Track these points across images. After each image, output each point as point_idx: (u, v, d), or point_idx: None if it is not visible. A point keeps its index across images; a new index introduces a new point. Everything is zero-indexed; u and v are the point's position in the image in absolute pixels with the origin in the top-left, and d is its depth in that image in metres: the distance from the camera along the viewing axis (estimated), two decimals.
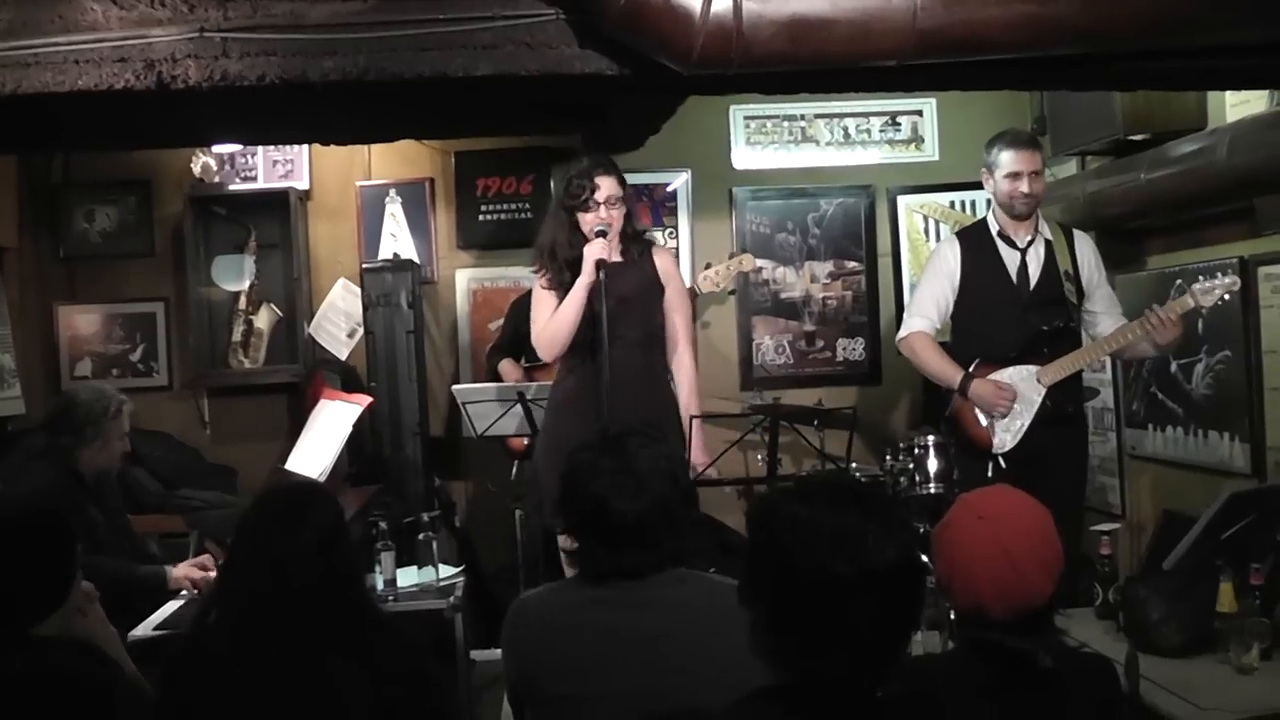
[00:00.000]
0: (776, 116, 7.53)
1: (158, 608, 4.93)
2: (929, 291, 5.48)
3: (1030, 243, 5.32)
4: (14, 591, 2.93)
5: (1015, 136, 5.36)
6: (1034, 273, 5.30)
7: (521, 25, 3.64)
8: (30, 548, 3.03)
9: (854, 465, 5.93)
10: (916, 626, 2.22)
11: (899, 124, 7.58)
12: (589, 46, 3.67)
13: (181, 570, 5.17)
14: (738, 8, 3.47)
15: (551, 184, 7.26)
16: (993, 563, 2.60)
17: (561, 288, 4.85)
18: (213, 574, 5.07)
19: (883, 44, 3.57)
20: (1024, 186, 5.23)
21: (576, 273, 4.77)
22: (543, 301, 4.95)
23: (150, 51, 3.54)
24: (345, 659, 2.85)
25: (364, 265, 7.12)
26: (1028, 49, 3.66)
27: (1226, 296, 4.95)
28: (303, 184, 7.45)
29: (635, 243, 5.02)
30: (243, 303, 7.41)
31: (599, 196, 4.81)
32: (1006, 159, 5.27)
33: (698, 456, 5.02)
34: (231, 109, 4.11)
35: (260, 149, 7.39)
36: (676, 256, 7.38)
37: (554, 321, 4.83)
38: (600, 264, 4.67)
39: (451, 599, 5.04)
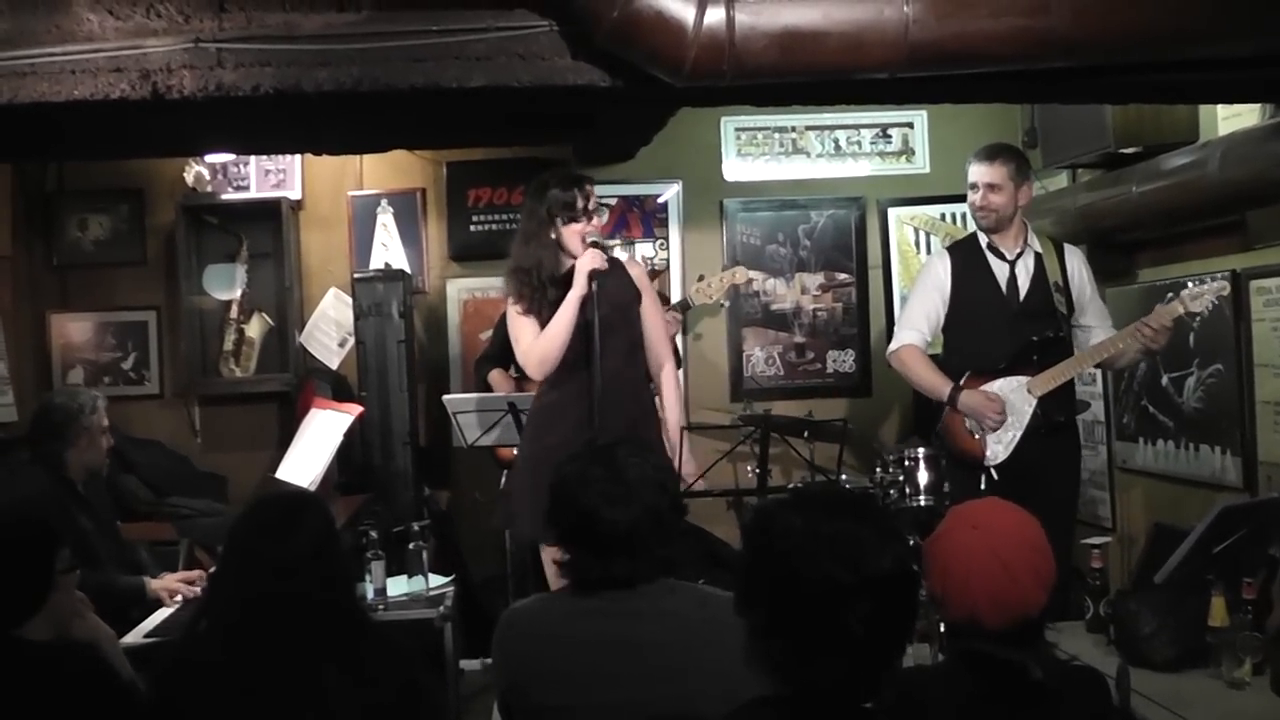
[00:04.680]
0: (768, 128, 7.53)
1: (148, 615, 4.94)
2: (919, 305, 5.49)
3: (1019, 255, 5.33)
4: None
5: (980, 150, 5.39)
6: (1023, 284, 5.31)
7: (515, 37, 3.65)
8: (7, 552, 3.04)
9: (844, 477, 5.92)
10: (911, 636, 2.23)
11: (890, 136, 7.58)
12: (582, 58, 3.67)
13: (159, 584, 5.17)
14: (730, 20, 3.48)
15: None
16: (989, 573, 2.61)
17: (548, 307, 4.75)
18: (197, 586, 5.07)
19: (874, 56, 3.58)
20: (977, 199, 5.29)
21: (562, 290, 4.73)
22: (523, 326, 4.83)
23: (146, 62, 3.56)
24: (336, 668, 2.85)
25: (355, 275, 7.10)
26: (1019, 62, 3.67)
27: (1215, 301, 4.95)
28: (295, 194, 7.46)
29: (606, 251, 4.95)
30: (234, 311, 7.40)
31: (591, 205, 4.80)
32: (970, 171, 5.34)
33: (688, 468, 5.01)
34: (226, 119, 4.12)
35: (252, 158, 7.40)
36: (667, 267, 7.41)
37: (545, 338, 4.73)
38: (594, 274, 4.65)
39: (441, 608, 5.04)
